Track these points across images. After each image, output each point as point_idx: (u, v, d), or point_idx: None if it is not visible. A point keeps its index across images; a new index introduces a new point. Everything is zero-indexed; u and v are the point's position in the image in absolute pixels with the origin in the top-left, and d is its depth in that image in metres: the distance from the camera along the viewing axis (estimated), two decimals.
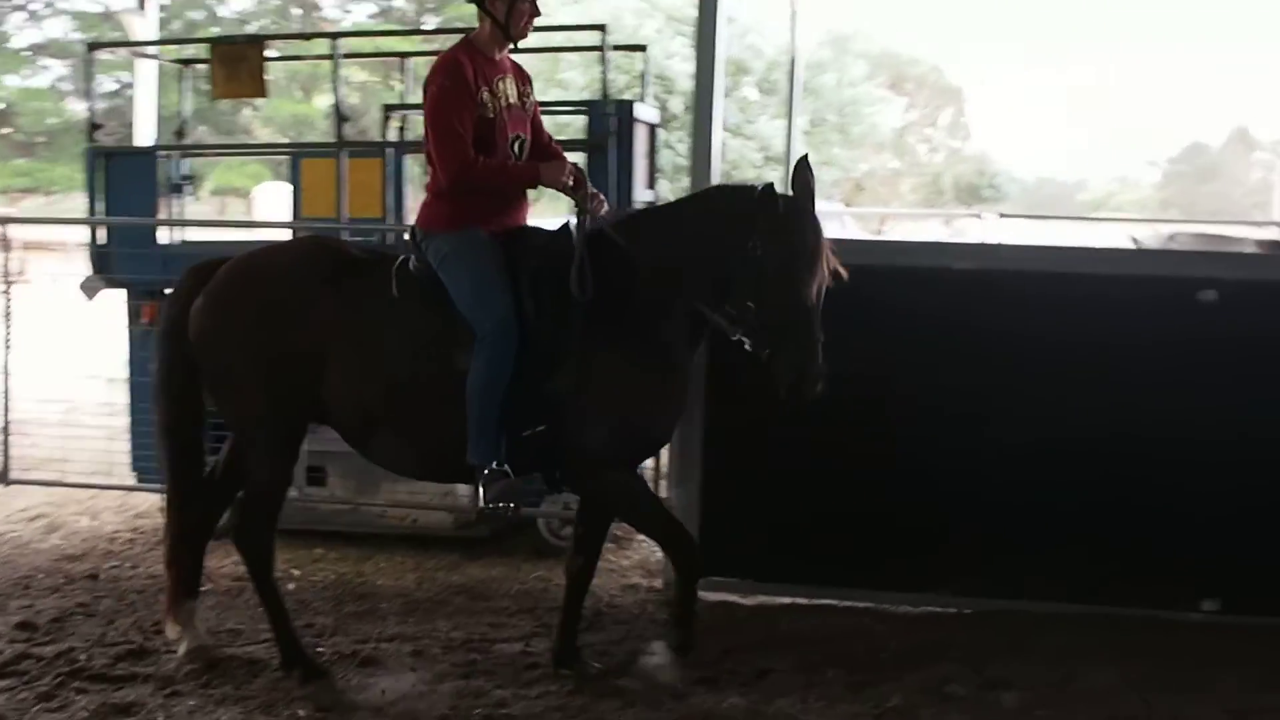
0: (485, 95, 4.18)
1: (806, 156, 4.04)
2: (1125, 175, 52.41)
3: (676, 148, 16.75)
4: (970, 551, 4.94)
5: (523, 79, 4.41)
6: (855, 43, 30.34)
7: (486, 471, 4.02)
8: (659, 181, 6.49)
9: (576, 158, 4.75)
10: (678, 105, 19.66)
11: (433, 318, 4.14)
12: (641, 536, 6.13)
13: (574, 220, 4.18)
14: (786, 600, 5.10)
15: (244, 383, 4.26)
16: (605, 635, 4.80)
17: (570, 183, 4.20)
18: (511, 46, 4.30)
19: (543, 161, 4.34)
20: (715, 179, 5.06)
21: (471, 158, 4.11)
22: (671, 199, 4.69)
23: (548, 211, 9.83)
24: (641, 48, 8.24)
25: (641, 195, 6.11)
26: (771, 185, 3.99)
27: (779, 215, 3.93)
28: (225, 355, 4.27)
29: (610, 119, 5.77)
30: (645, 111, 6.15)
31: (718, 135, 5.14)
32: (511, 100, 4.29)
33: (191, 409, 4.44)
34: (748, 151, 23.37)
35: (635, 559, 5.99)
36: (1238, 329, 4.72)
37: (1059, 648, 4.57)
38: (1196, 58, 49.73)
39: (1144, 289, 4.82)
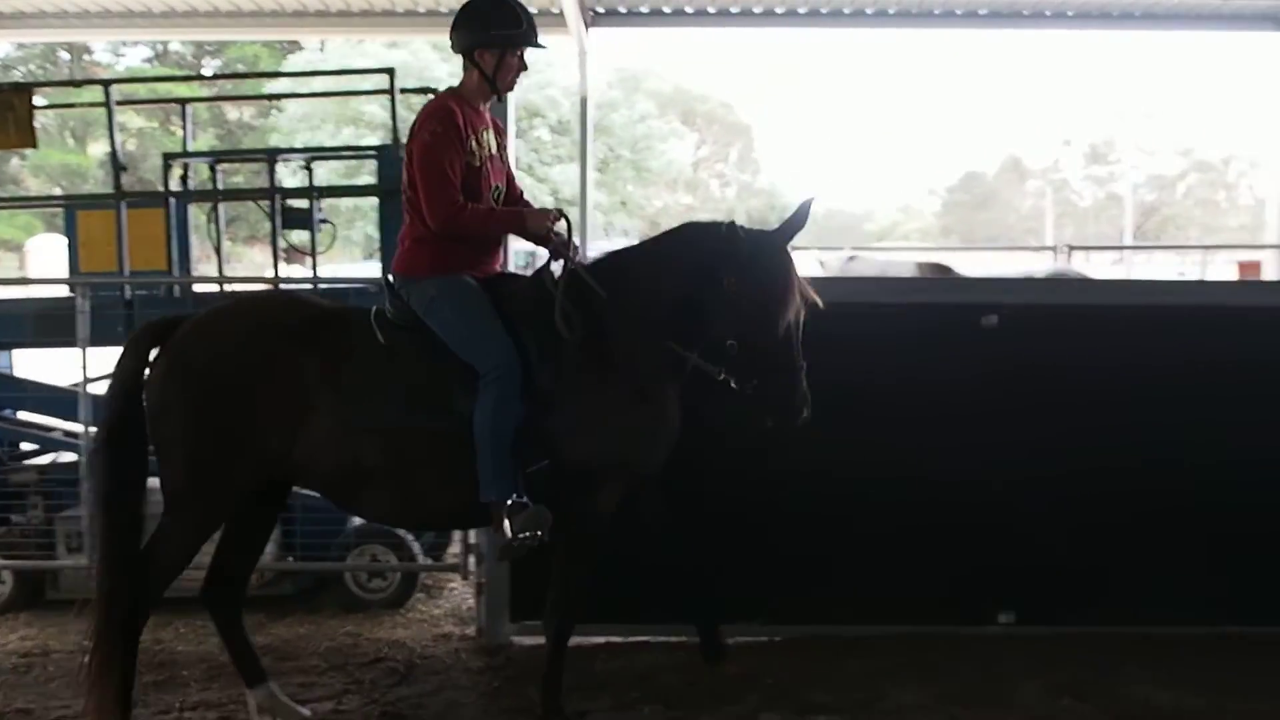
0: (473, 144, 4.20)
1: (809, 202, 4.07)
2: (908, 204, 54.83)
3: None
4: (775, 580, 5.02)
5: (499, 131, 4.44)
6: (646, 81, 30.94)
7: (509, 503, 3.97)
8: None
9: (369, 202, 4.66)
10: None
11: (426, 363, 4.09)
12: (455, 585, 6.07)
13: (553, 264, 4.22)
14: (601, 640, 5.08)
15: (202, 451, 4.01)
16: (419, 687, 4.69)
17: (553, 230, 4.23)
18: (495, 99, 4.36)
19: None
20: None
21: (461, 203, 4.12)
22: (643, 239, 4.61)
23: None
24: (431, 90, 8.11)
25: None
26: (734, 223, 4.06)
27: (747, 252, 4.00)
28: (186, 422, 4.01)
29: (401, 164, 5.66)
30: None
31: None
32: (493, 151, 4.33)
33: (138, 476, 4.13)
34: (540, 193, 23.57)
35: (447, 607, 5.89)
36: (1018, 351, 4.96)
37: (867, 670, 4.71)
38: (971, 89, 52.44)
39: (930, 315, 5.02)
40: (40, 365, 7.33)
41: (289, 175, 11.14)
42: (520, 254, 9.12)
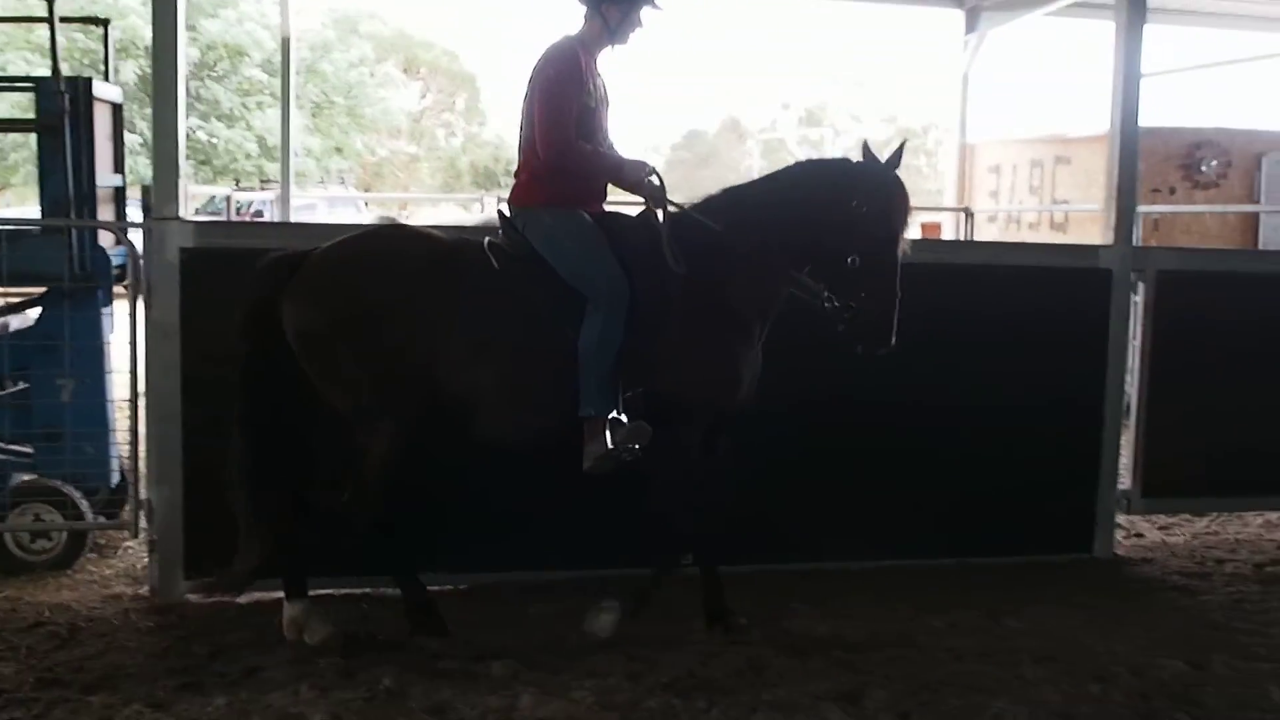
0: (590, 88, 4.49)
1: (905, 143, 4.46)
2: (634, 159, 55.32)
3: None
4: (460, 529, 5.05)
5: (605, 83, 4.66)
6: (364, 24, 30.04)
7: (610, 418, 4.29)
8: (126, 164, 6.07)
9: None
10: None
11: (539, 289, 4.40)
12: (131, 544, 5.79)
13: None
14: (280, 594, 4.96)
15: (366, 371, 4.32)
16: (82, 650, 4.44)
17: (649, 181, 4.52)
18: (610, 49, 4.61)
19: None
20: (182, 160, 4.87)
21: (574, 140, 4.40)
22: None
23: None
24: (100, 20, 7.60)
25: (107, 180, 5.70)
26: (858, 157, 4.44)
27: (871, 177, 4.39)
28: (342, 346, 4.31)
29: (61, 98, 5.32)
30: (106, 90, 5.73)
31: (181, 112, 4.91)
32: (603, 98, 4.61)
33: (280, 401, 4.43)
34: (245, 140, 22.62)
35: (120, 567, 5.61)
36: None
37: (550, 614, 4.79)
38: (692, 47, 53.49)
39: None
40: None
41: None
42: None
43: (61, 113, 5.33)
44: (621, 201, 5.09)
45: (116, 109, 5.88)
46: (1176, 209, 10.18)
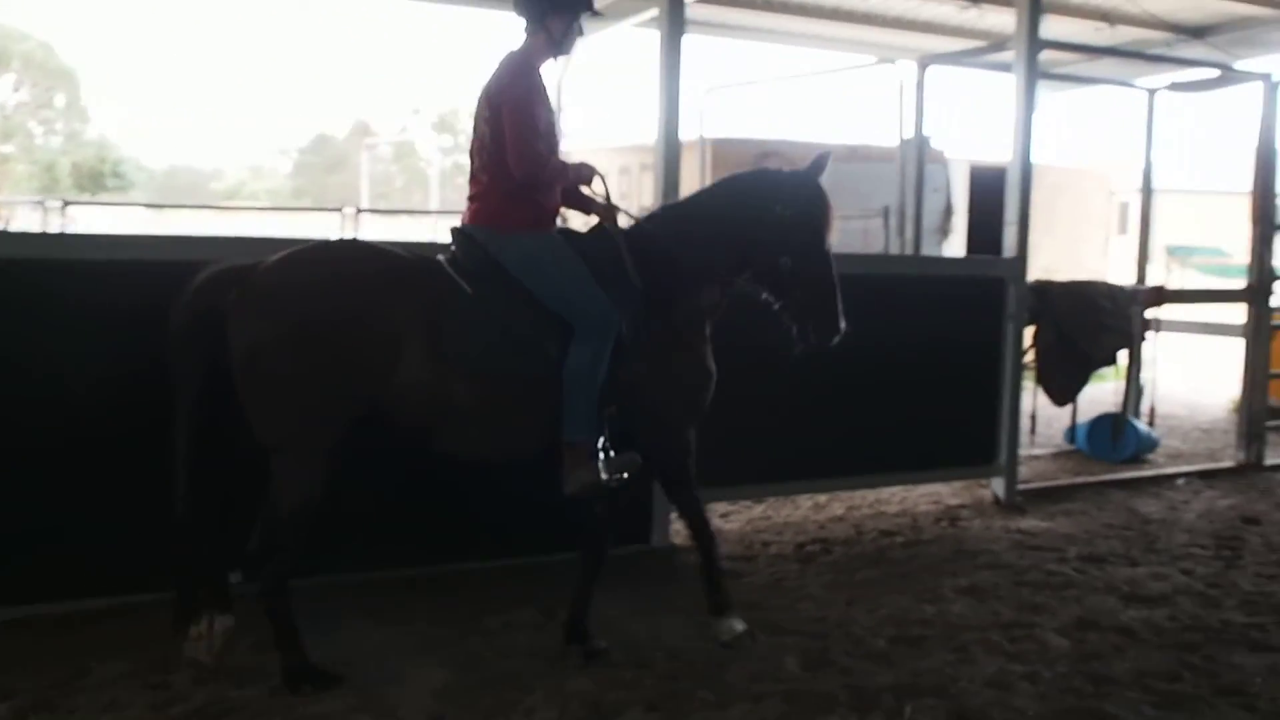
0: (549, 101, 4.62)
1: (827, 154, 4.80)
2: (259, 164, 53.49)
3: None
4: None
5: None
6: None
7: (600, 446, 4.45)
8: None
9: None
10: None
11: (519, 312, 4.40)
12: None
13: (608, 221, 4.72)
14: None
15: (301, 391, 4.12)
16: None
17: (596, 186, 4.69)
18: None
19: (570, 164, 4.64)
20: None
21: (545, 156, 4.45)
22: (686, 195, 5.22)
23: None
24: None
25: None
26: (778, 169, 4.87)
27: (800, 180, 4.72)
28: (283, 363, 4.08)
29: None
30: None
31: None
32: (553, 109, 4.69)
33: (221, 430, 4.24)
34: None
35: None
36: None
37: (71, 647, 4.50)
38: (319, 51, 52.13)
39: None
40: None
41: None
42: None
43: None
44: None
45: None
46: None
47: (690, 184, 6.34)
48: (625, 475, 4.49)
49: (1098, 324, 7.95)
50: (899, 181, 7.97)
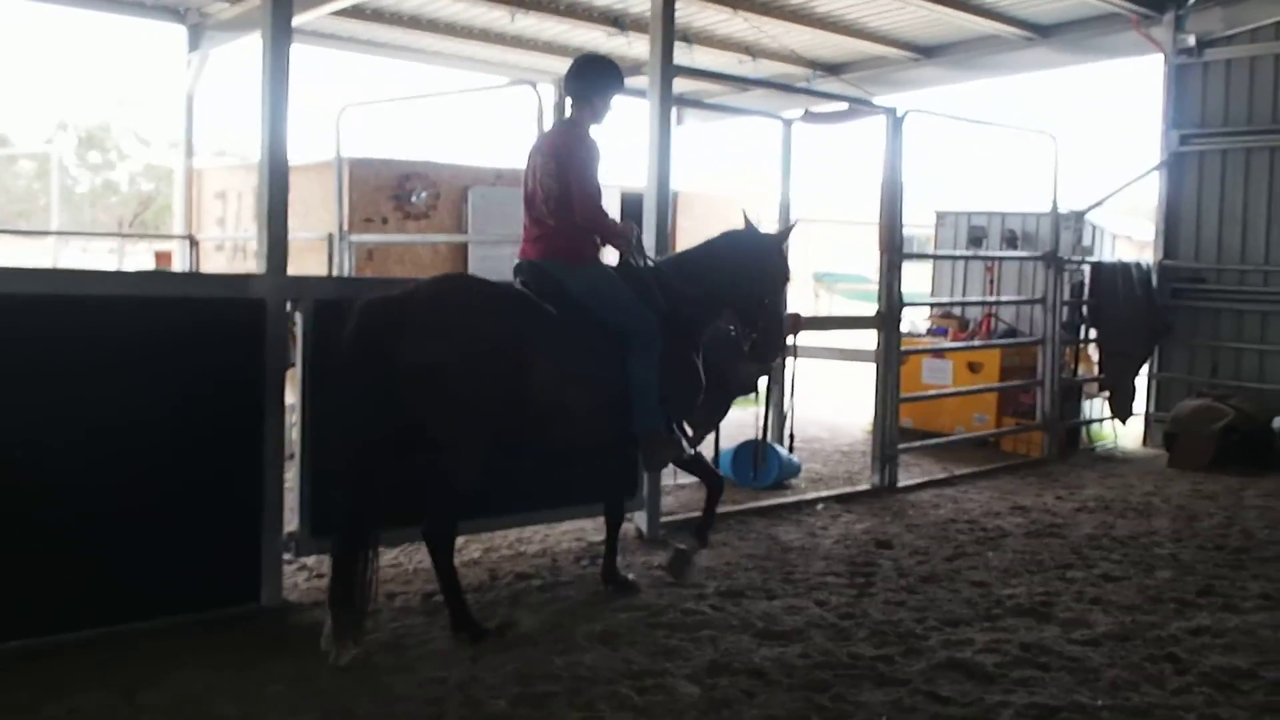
0: None
1: (795, 222, 7.25)
2: None
3: None
4: None
5: None
6: None
7: (675, 433, 5.89)
8: None
9: None
10: None
11: (596, 327, 5.48)
12: None
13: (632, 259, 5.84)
14: None
15: (472, 400, 5.03)
16: None
17: (638, 238, 5.88)
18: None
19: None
20: None
21: (603, 208, 5.59)
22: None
23: None
24: None
25: None
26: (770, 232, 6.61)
27: (776, 242, 6.34)
28: (459, 378, 4.97)
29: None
30: None
31: None
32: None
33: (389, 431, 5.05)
34: None
35: None
36: None
37: None
38: None
39: None
40: None
41: None
42: None
43: None
44: None
45: None
46: (389, 239, 10.31)
47: (325, 203, 5.86)
48: (684, 453, 6.01)
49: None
50: None
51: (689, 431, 6.13)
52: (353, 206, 10.11)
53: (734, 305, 6.10)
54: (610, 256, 5.96)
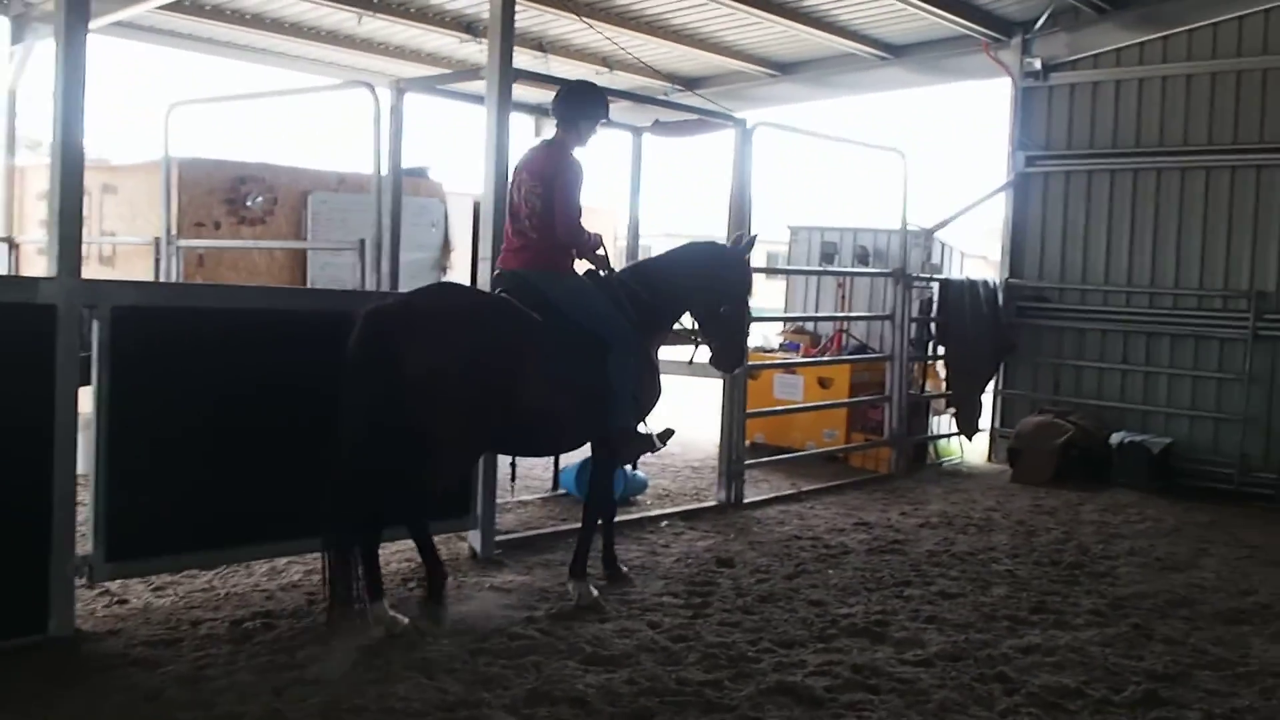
0: None
1: (755, 235, 6.98)
2: None
3: None
4: None
5: None
6: None
7: (648, 429, 6.26)
8: None
9: None
10: None
11: (576, 333, 5.87)
12: None
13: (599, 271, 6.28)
14: None
15: (471, 402, 5.39)
16: None
17: (604, 251, 6.26)
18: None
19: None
20: None
21: (582, 225, 6.01)
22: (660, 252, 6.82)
23: None
24: None
25: None
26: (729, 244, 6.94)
27: (737, 254, 6.76)
28: (458, 382, 5.32)
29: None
30: None
31: None
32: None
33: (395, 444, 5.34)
34: None
35: None
36: None
37: None
38: None
39: None
40: None
41: None
42: None
43: None
44: None
45: None
46: (222, 244, 9.83)
47: (154, 206, 5.47)
48: (664, 439, 6.29)
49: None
50: (375, 212, 7.32)
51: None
52: (182, 210, 9.60)
53: (691, 313, 6.60)
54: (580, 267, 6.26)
